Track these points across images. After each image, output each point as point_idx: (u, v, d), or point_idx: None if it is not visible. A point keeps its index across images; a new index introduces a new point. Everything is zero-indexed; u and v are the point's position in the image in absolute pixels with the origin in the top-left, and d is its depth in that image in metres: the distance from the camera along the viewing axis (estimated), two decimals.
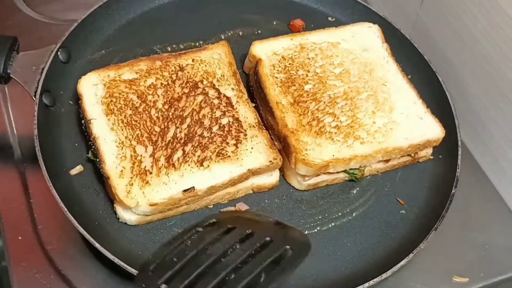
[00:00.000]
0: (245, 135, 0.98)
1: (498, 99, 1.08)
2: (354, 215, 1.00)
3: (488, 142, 1.14)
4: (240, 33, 1.19)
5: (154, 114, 0.99)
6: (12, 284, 0.92)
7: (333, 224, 0.98)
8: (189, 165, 0.94)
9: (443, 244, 1.01)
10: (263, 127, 1.01)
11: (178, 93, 1.02)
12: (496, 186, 1.12)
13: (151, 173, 0.93)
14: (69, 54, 1.07)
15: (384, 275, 0.89)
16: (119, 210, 0.92)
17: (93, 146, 0.95)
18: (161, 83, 1.02)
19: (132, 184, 0.91)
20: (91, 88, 1.01)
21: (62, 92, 1.05)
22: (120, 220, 0.93)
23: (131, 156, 0.94)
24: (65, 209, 0.89)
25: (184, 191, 0.91)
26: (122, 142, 0.95)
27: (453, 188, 0.99)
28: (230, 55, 1.09)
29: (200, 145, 0.96)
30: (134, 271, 0.85)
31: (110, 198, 0.95)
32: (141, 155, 0.94)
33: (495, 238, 1.05)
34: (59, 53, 1.05)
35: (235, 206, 0.98)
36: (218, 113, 1.00)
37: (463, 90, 1.17)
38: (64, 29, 1.08)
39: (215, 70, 1.06)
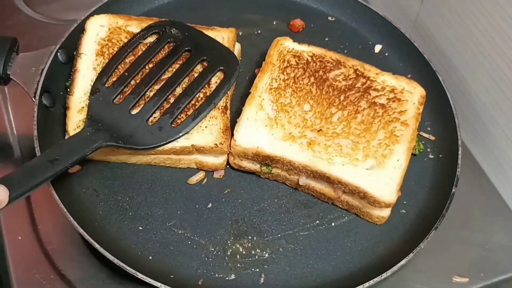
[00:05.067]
0: None
1: (498, 99, 1.08)
2: (354, 215, 1.00)
3: (488, 142, 1.13)
4: (240, 33, 1.19)
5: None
6: (12, 284, 0.92)
7: (333, 224, 0.99)
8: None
9: (443, 244, 1.01)
10: (228, 112, 1.02)
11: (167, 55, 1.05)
12: (496, 186, 1.12)
13: None
14: (68, 55, 1.07)
15: (384, 275, 0.89)
16: None
17: (71, 77, 1.02)
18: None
19: (85, 121, 0.96)
20: (97, 27, 1.07)
21: (62, 93, 1.05)
22: None
23: None
24: (65, 210, 0.89)
25: None
26: None
27: (453, 187, 0.99)
28: (233, 41, 1.09)
29: (162, 108, 0.99)
30: (134, 271, 0.85)
31: (110, 198, 0.96)
32: None
33: (495, 238, 1.04)
34: (58, 53, 1.05)
35: None
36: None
37: (463, 90, 1.17)
38: (64, 29, 1.08)
39: None
